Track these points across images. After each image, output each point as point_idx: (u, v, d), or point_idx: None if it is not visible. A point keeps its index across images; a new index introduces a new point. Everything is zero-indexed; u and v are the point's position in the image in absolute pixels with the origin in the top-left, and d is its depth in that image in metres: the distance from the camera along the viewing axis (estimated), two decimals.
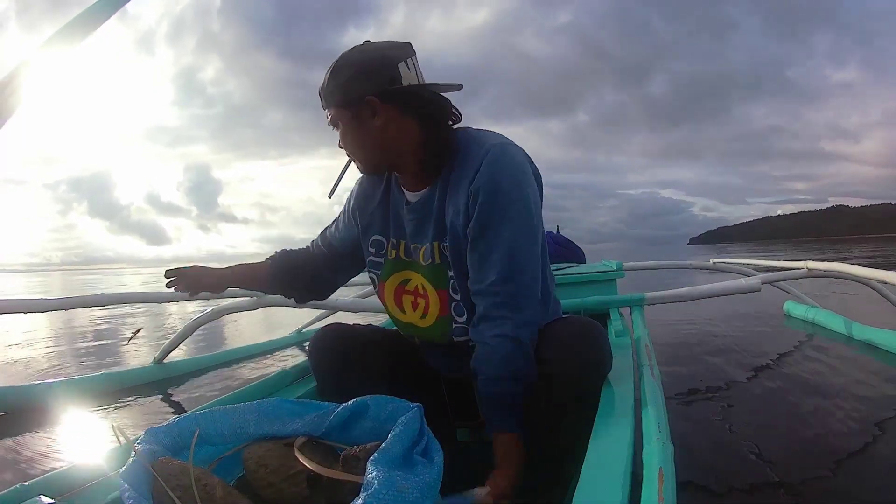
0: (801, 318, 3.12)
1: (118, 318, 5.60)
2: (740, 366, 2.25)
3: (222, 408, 0.74)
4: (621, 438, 0.68)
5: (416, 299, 0.98)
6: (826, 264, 2.32)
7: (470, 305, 0.91)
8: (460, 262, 0.90)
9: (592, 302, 1.80)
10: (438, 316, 0.95)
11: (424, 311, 0.97)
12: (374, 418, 0.72)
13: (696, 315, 3.48)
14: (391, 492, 0.53)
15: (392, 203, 0.98)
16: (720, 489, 1.15)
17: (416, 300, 0.98)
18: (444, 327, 0.95)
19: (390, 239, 0.99)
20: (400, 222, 0.98)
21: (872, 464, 1.24)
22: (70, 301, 2.30)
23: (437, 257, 0.93)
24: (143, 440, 0.66)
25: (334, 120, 0.90)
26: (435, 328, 0.96)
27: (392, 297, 1.00)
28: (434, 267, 0.94)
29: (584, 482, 0.57)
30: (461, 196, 0.86)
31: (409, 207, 0.95)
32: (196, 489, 0.59)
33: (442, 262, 0.92)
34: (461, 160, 0.88)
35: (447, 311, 0.94)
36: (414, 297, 0.98)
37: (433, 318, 0.96)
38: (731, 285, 2.04)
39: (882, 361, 2.14)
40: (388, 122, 0.87)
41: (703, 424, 1.54)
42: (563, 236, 3.15)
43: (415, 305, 0.98)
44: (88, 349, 3.61)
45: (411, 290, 0.98)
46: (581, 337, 0.86)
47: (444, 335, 0.96)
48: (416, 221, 0.94)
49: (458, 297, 0.92)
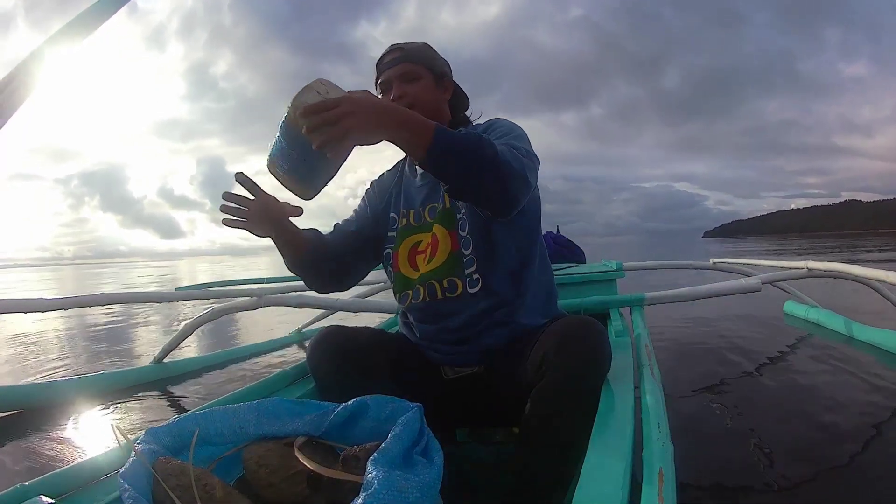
0: (802, 317, 3.12)
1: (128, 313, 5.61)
2: (740, 366, 2.25)
3: (222, 408, 0.75)
4: (621, 438, 0.68)
5: (428, 250, 1.05)
6: (826, 264, 2.32)
7: (476, 236, 1.00)
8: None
9: (592, 302, 1.80)
10: (450, 251, 1.03)
11: (433, 253, 1.03)
12: (374, 418, 0.73)
13: (696, 315, 3.49)
14: (391, 492, 0.53)
15: (404, 183, 1.13)
16: (720, 489, 1.16)
17: (427, 250, 1.05)
18: (454, 261, 1.02)
19: (400, 210, 1.11)
20: (410, 195, 1.10)
21: (873, 464, 1.23)
22: (70, 301, 2.30)
23: (446, 203, 1.04)
24: (143, 440, 0.66)
25: (413, 74, 1.05)
26: (446, 265, 1.03)
27: (406, 259, 1.08)
28: (444, 211, 1.04)
29: (584, 482, 0.57)
30: None
31: (422, 176, 1.09)
32: (196, 489, 0.59)
33: (451, 206, 1.04)
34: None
35: (458, 246, 1.02)
36: (426, 250, 1.05)
37: (444, 256, 1.03)
38: (731, 285, 2.03)
39: (882, 361, 2.14)
40: (444, 95, 1.11)
41: (703, 424, 1.54)
42: (563, 236, 3.15)
43: (427, 257, 1.05)
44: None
45: (423, 250, 1.06)
46: (581, 336, 0.86)
47: (454, 269, 1.02)
48: (429, 185, 1.07)
49: (465, 233, 1.01)
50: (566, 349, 0.84)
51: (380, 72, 1.08)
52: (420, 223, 1.07)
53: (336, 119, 0.73)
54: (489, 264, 1.01)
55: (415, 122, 0.79)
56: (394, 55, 1.07)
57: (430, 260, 1.04)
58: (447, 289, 1.02)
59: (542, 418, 0.84)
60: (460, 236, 1.02)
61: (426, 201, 1.07)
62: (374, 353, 1.00)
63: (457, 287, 1.02)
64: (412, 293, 1.06)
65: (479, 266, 1.01)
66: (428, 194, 1.07)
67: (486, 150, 0.82)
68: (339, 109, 0.73)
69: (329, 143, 0.74)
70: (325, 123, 0.73)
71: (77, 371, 2.77)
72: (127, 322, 5.03)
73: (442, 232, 1.04)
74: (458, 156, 0.81)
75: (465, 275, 1.01)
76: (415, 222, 1.08)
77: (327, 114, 0.73)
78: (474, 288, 1.01)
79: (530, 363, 0.88)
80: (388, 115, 0.78)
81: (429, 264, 1.04)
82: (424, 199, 1.08)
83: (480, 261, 1.01)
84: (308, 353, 1.01)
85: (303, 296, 2.57)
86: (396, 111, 0.80)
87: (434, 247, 1.04)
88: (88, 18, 0.63)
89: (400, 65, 1.06)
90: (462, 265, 1.02)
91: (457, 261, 1.02)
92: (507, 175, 0.84)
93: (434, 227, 1.04)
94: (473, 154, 0.81)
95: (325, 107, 0.74)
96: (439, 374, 1.05)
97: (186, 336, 2.46)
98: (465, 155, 0.81)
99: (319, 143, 0.73)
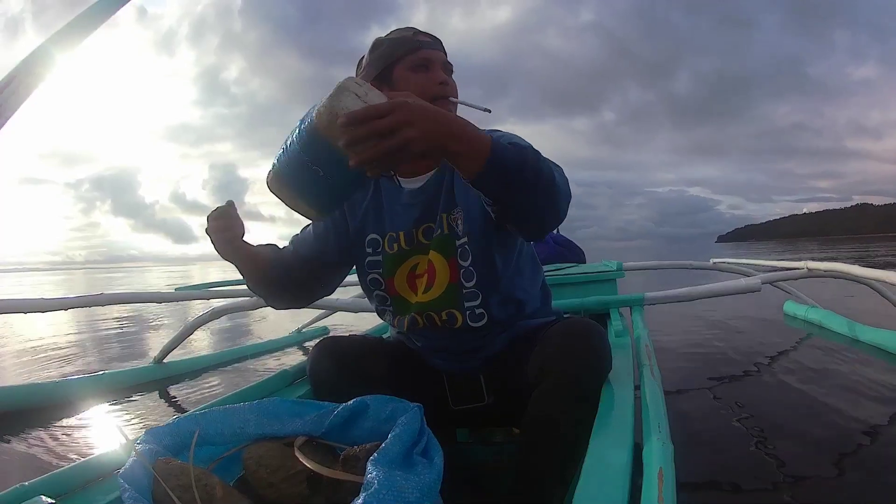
0: (802, 318, 3.12)
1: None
2: (740, 366, 2.25)
3: (222, 408, 0.75)
4: (621, 438, 0.68)
5: (425, 276, 0.98)
6: (826, 264, 2.32)
7: (479, 269, 0.93)
8: (473, 217, 0.93)
9: (592, 302, 1.79)
10: (448, 283, 0.96)
11: (430, 282, 0.97)
12: (374, 418, 0.73)
13: (696, 315, 3.48)
14: (391, 492, 0.53)
15: (385, 198, 0.99)
16: (720, 489, 1.16)
17: (425, 276, 0.98)
18: (453, 293, 0.96)
19: (387, 233, 0.99)
20: (396, 214, 0.98)
21: (873, 464, 1.23)
22: (70, 301, 2.30)
23: (445, 228, 0.95)
24: (143, 440, 0.66)
25: (451, 67, 0.97)
26: (444, 297, 0.96)
27: (405, 283, 1.00)
28: (442, 237, 0.96)
29: (584, 482, 0.57)
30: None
31: (411, 194, 0.97)
32: (196, 489, 0.59)
33: (450, 233, 0.95)
34: None
35: (457, 277, 0.95)
36: (423, 275, 0.98)
37: (442, 287, 0.96)
38: (731, 285, 2.03)
39: (882, 362, 2.14)
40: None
41: (703, 424, 1.54)
42: (562, 236, 3.15)
43: (424, 283, 0.98)
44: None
45: (421, 274, 0.98)
46: (581, 337, 0.86)
47: (453, 302, 0.96)
48: (424, 204, 0.97)
49: (467, 264, 0.94)
50: (567, 351, 0.84)
51: (416, 46, 0.93)
52: (412, 246, 0.98)
53: (390, 130, 0.61)
54: (493, 297, 0.95)
55: (472, 133, 0.68)
56: (433, 38, 0.96)
57: (428, 289, 0.97)
58: (446, 321, 0.97)
59: (543, 419, 0.84)
60: (460, 266, 0.94)
61: (420, 222, 0.97)
62: (374, 363, 0.97)
63: (456, 320, 0.96)
64: (408, 320, 0.99)
65: (483, 300, 0.95)
66: (422, 214, 0.97)
67: (542, 166, 0.73)
68: (393, 118, 0.61)
69: (377, 160, 0.62)
70: (375, 135, 0.61)
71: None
72: (144, 324, 5.03)
73: (439, 260, 0.96)
74: (516, 173, 0.70)
75: (466, 308, 0.95)
76: (406, 245, 0.98)
77: (379, 122, 0.60)
78: (478, 322, 0.96)
79: (531, 365, 0.88)
80: (449, 126, 0.66)
81: (425, 293, 0.97)
82: (418, 219, 0.97)
83: (485, 295, 0.95)
84: (308, 366, 1.00)
85: None
86: (456, 120, 0.68)
87: (431, 275, 0.97)
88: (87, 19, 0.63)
89: (443, 52, 0.96)
90: (462, 297, 0.95)
91: (456, 293, 0.95)
92: (557, 192, 0.76)
93: (431, 253, 0.96)
94: (531, 170, 0.72)
95: (375, 114, 0.61)
96: (441, 375, 1.04)
97: (186, 336, 2.46)
98: (522, 172, 0.71)
99: (363, 158, 0.61)
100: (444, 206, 0.96)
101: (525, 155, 0.72)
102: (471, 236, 0.93)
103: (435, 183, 0.97)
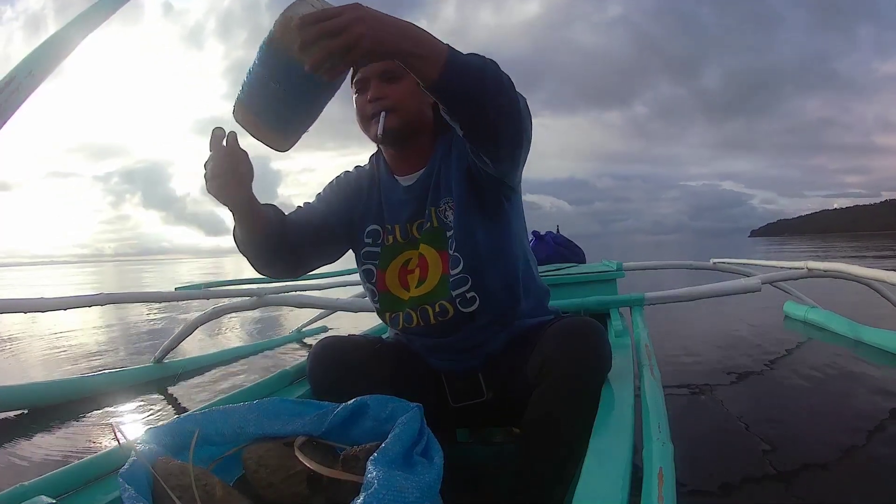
0: (801, 318, 3.12)
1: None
2: (740, 366, 2.25)
3: (222, 408, 0.75)
4: (621, 438, 0.68)
5: (417, 271, 0.99)
6: (826, 264, 2.32)
7: (464, 252, 0.94)
8: (459, 204, 0.93)
9: (592, 302, 1.79)
10: (441, 274, 0.97)
11: (423, 276, 0.98)
12: (374, 418, 0.72)
13: (696, 315, 3.48)
14: (391, 492, 0.53)
15: (383, 190, 1.02)
16: (720, 489, 1.16)
17: (417, 271, 0.99)
18: (444, 283, 0.97)
19: (385, 225, 1.01)
20: (394, 207, 1.00)
21: (873, 464, 1.23)
22: (70, 301, 2.30)
23: (434, 222, 0.97)
24: (143, 440, 0.66)
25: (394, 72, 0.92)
26: (436, 289, 0.97)
27: (396, 279, 1.01)
28: (431, 230, 0.97)
29: (584, 482, 0.57)
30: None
31: (406, 189, 0.99)
32: (196, 489, 0.59)
33: (440, 225, 0.96)
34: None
35: (447, 268, 0.96)
36: (415, 270, 0.99)
37: (435, 280, 0.97)
38: (731, 285, 2.03)
39: (883, 362, 2.14)
40: (428, 98, 0.92)
41: (703, 424, 1.55)
42: (562, 236, 3.14)
43: (417, 278, 0.99)
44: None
45: (412, 269, 0.99)
46: (581, 337, 0.86)
47: (444, 292, 0.96)
48: (417, 200, 0.98)
49: (454, 251, 0.95)
50: (567, 351, 0.84)
51: (355, 69, 0.95)
52: (406, 240, 0.99)
53: (341, 28, 0.62)
54: (482, 279, 0.95)
55: (427, 36, 0.69)
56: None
57: (421, 283, 0.98)
58: (438, 314, 0.97)
59: (543, 419, 0.84)
60: (450, 256, 0.95)
61: (413, 217, 0.99)
62: (374, 363, 0.97)
63: (447, 311, 0.96)
64: (403, 316, 1.00)
65: (473, 284, 0.95)
66: (416, 210, 0.98)
67: (503, 76, 0.73)
68: (345, 17, 0.62)
69: (330, 60, 0.63)
70: (327, 34, 0.62)
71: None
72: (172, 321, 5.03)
73: (431, 253, 0.97)
74: (478, 80, 0.71)
75: (456, 296, 0.95)
76: (402, 239, 1.00)
77: (330, 23, 0.62)
78: (470, 307, 0.96)
79: (531, 365, 0.88)
80: (400, 27, 0.67)
81: (419, 287, 0.98)
82: (412, 214, 0.99)
83: (473, 278, 0.95)
84: (308, 366, 1.00)
85: (302, 296, 2.57)
86: (409, 24, 0.69)
87: (424, 268, 0.98)
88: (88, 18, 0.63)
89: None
90: (450, 286, 0.95)
91: (445, 283, 0.96)
92: (520, 106, 0.76)
93: (421, 247, 0.98)
94: (492, 77, 0.72)
95: (326, 15, 0.62)
96: (441, 375, 1.04)
97: (186, 336, 2.46)
98: (483, 80, 0.71)
99: (317, 58, 0.62)
100: (431, 201, 0.97)
101: (485, 61, 0.72)
102: (456, 222, 0.94)
103: (425, 178, 0.98)
